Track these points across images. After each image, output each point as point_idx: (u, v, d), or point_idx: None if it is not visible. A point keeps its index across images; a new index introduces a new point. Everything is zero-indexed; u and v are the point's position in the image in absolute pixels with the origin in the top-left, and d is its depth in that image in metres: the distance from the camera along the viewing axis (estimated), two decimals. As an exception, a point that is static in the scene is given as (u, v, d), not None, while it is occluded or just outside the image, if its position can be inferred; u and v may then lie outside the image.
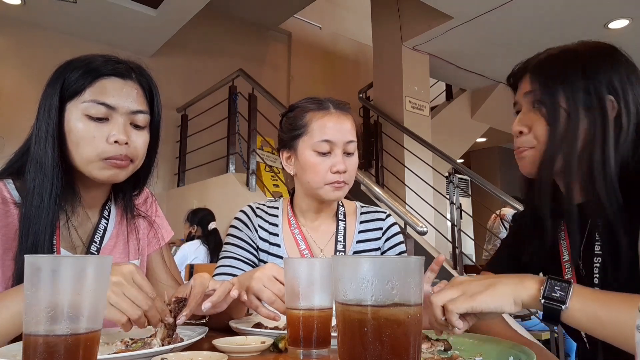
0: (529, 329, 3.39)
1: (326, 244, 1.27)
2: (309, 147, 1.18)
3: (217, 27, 6.31)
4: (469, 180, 7.18)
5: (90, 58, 0.98)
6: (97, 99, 0.94)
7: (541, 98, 0.89)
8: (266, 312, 0.91)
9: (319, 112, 1.20)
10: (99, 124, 0.94)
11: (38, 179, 0.92)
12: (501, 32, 4.97)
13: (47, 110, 0.94)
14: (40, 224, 0.91)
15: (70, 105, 0.95)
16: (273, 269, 0.94)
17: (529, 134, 0.92)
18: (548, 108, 0.88)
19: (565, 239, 0.97)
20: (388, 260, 0.58)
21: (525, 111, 0.94)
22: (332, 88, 7.13)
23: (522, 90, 0.94)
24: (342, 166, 1.17)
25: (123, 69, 0.98)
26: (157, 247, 1.20)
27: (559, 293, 0.70)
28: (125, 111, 0.97)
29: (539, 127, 0.90)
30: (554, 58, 0.92)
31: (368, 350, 0.53)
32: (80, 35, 5.13)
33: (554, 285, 0.71)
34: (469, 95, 6.85)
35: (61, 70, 0.98)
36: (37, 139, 0.94)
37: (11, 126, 4.24)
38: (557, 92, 0.87)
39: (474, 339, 0.82)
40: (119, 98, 0.96)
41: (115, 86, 0.96)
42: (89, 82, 0.95)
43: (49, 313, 0.53)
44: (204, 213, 4.22)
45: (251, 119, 4.69)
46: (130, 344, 0.78)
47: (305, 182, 1.21)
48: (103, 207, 1.09)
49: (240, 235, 1.26)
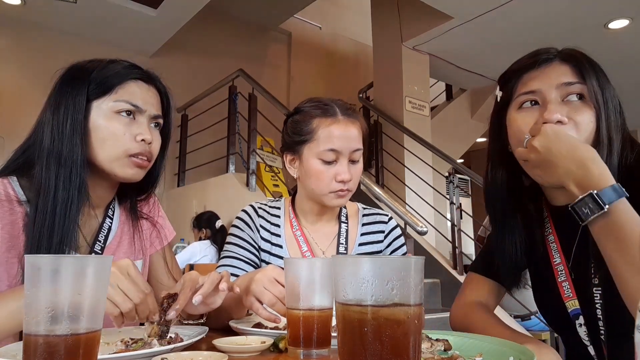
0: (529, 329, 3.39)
1: (328, 246, 1.26)
2: (314, 154, 1.16)
3: (217, 27, 6.32)
4: (469, 180, 7.17)
5: (113, 61, 1.03)
6: (128, 99, 0.99)
7: (593, 91, 0.86)
8: (267, 314, 0.91)
9: (326, 119, 1.17)
10: (127, 122, 0.99)
11: (63, 174, 0.93)
12: (501, 32, 4.97)
13: (72, 107, 0.96)
14: (69, 220, 0.93)
15: (97, 103, 0.98)
16: (274, 271, 0.94)
17: (569, 125, 0.86)
18: (599, 102, 0.86)
19: (554, 241, 0.97)
20: (388, 260, 0.58)
21: (555, 102, 0.87)
22: (332, 88, 7.14)
23: (556, 79, 0.88)
24: (347, 175, 1.15)
25: (147, 75, 1.05)
26: (159, 248, 1.21)
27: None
28: (149, 114, 1.02)
29: (584, 119, 0.86)
30: (583, 54, 0.90)
31: (368, 350, 0.53)
32: (80, 35, 5.12)
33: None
34: (469, 95, 6.85)
35: (81, 69, 1.00)
36: (59, 134, 0.95)
37: (11, 126, 4.24)
38: (603, 86, 0.87)
39: (474, 339, 0.82)
40: (145, 101, 1.02)
41: (142, 89, 1.02)
42: (119, 83, 0.99)
43: (49, 313, 0.53)
44: (207, 215, 4.26)
45: (251, 119, 4.69)
46: (130, 344, 0.78)
47: (309, 187, 1.20)
48: (108, 207, 1.09)
49: (241, 235, 1.26)
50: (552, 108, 0.86)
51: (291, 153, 1.23)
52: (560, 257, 0.95)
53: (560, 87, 0.88)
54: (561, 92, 0.88)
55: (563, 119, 0.85)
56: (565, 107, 0.87)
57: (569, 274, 0.94)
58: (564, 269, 0.94)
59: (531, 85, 0.90)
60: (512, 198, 0.99)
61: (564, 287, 0.94)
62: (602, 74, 0.89)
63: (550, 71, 0.89)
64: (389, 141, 5.45)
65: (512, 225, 0.99)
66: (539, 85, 0.89)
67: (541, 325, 3.48)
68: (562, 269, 0.95)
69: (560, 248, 0.96)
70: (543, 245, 0.99)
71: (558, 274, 0.95)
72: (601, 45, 4.98)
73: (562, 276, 0.94)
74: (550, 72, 0.89)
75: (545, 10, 4.55)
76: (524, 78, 0.92)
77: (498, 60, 5.53)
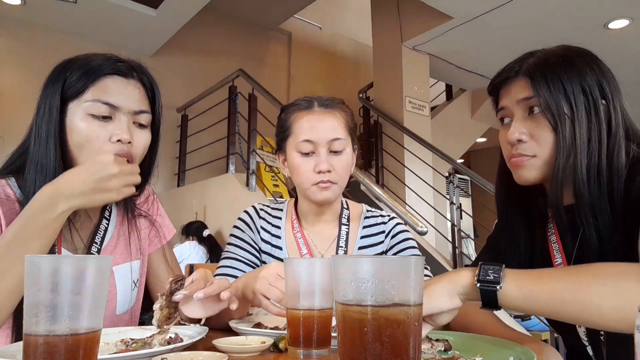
0: (529, 329, 3.39)
1: (327, 249, 1.25)
2: (293, 148, 1.17)
3: (217, 27, 6.31)
4: (469, 180, 7.18)
5: (90, 57, 0.97)
6: (100, 98, 0.93)
7: (546, 104, 0.86)
8: (277, 309, 0.91)
9: (301, 112, 1.18)
10: (102, 124, 0.94)
11: (39, 181, 0.91)
12: (501, 32, 4.97)
13: (47, 110, 0.93)
14: None
15: (72, 105, 0.94)
16: (277, 267, 0.94)
17: (530, 141, 0.89)
18: (554, 114, 0.85)
19: (557, 241, 0.97)
20: (388, 261, 0.58)
21: (520, 117, 0.90)
22: (332, 88, 7.13)
23: (515, 95, 0.90)
24: (325, 165, 1.13)
25: (125, 68, 0.98)
26: (159, 246, 1.20)
27: (493, 275, 0.71)
28: (129, 110, 0.96)
29: (542, 134, 0.87)
30: (547, 62, 0.89)
31: (368, 351, 0.53)
32: (80, 35, 5.13)
33: (488, 270, 0.71)
34: (469, 95, 6.85)
35: (60, 69, 0.96)
36: (37, 139, 0.93)
37: (11, 126, 4.24)
38: (560, 97, 0.85)
39: (474, 339, 0.82)
40: (122, 97, 0.95)
41: (118, 85, 0.96)
42: (91, 82, 0.94)
43: (49, 313, 0.53)
44: (197, 224, 4.43)
45: (251, 119, 4.69)
46: (130, 344, 0.78)
47: (296, 184, 1.20)
48: (104, 208, 1.08)
49: (242, 236, 1.26)
50: (513, 128, 0.90)
51: (281, 152, 1.24)
52: (561, 257, 0.95)
53: (520, 102, 0.90)
54: (523, 107, 0.90)
55: (521, 137, 0.89)
56: (530, 122, 0.89)
57: None
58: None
59: (501, 102, 0.95)
60: (516, 197, 1.01)
61: None
62: (572, 75, 0.86)
63: (512, 87, 0.92)
64: (389, 141, 5.45)
65: (516, 225, 1.01)
66: (505, 102, 0.93)
67: (541, 325, 3.48)
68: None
69: (562, 248, 0.96)
70: (545, 245, 0.99)
71: None
72: (601, 45, 4.98)
73: None
74: (512, 88, 0.92)
75: (545, 10, 4.55)
76: (500, 93, 0.96)
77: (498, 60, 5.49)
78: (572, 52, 0.91)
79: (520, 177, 0.92)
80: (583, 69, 0.87)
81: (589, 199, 0.85)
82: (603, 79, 0.87)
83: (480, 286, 0.71)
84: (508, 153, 0.94)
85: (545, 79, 0.87)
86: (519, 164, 0.91)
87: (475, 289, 0.71)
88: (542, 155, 0.88)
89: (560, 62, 0.88)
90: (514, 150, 0.91)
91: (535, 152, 0.89)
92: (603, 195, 0.85)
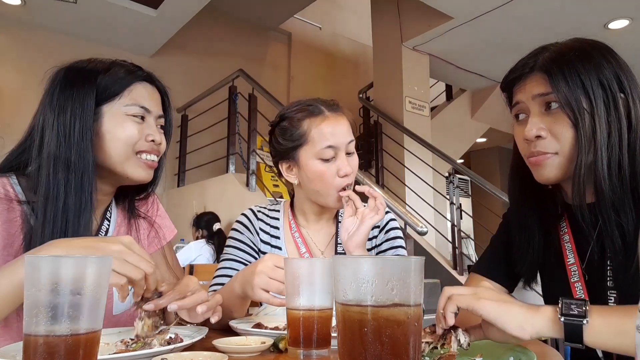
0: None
1: (326, 246, 1.26)
2: (312, 156, 1.15)
3: (217, 27, 6.31)
4: (469, 181, 7.18)
5: (118, 62, 1.04)
6: (137, 102, 1.00)
7: (566, 99, 0.83)
8: (279, 301, 0.91)
9: (315, 119, 1.16)
10: (139, 125, 1.00)
11: (73, 180, 0.93)
12: (501, 32, 4.97)
13: (80, 111, 0.95)
14: (82, 226, 0.92)
15: (106, 107, 0.98)
16: (272, 258, 0.95)
17: (549, 137, 0.86)
18: (573, 110, 0.83)
19: (569, 241, 0.95)
20: (388, 261, 0.58)
21: (537, 113, 0.87)
22: (332, 88, 7.14)
23: (530, 91, 0.88)
24: (349, 168, 1.15)
25: (149, 76, 1.06)
26: (159, 247, 1.20)
27: (577, 310, 0.68)
28: (156, 114, 1.04)
29: (562, 130, 0.84)
30: (563, 56, 0.86)
31: (368, 351, 0.53)
32: (80, 35, 5.12)
33: (570, 304, 0.69)
34: (469, 95, 6.85)
35: (86, 71, 0.99)
36: (66, 139, 0.94)
37: (11, 126, 4.24)
38: (578, 92, 0.83)
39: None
40: (151, 102, 1.03)
41: (148, 90, 1.04)
42: (127, 85, 1.00)
43: (49, 313, 0.53)
44: (208, 217, 4.32)
45: (251, 119, 4.69)
46: (130, 344, 0.78)
47: (312, 190, 1.18)
48: (106, 210, 1.09)
49: (241, 238, 1.26)
50: (530, 124, 0.87)
51: (286, 161, 1.21)
52: (574, 257, 0.94)
53: (536, 98, 0.88)
54: (539, 103, 0.88)
55: (540, 133, 0.86)
56: (548, 117, 0.87)
57: (583, 275, 0.92)
58: (577, 269, 0.93)
59: (516, 97, 0.92)
60: (531, 195, 0.99)
61: (577, 288, 0.92)
62: (589, 68, 0.84)
63: (528, 83, 0.89)
64: (389, 141, 5.45)
65: (530, 222, 0.99)
66: (521, 98, 0.90)
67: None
68: (575, 270, 0.93)
69: (574, 248, 0.94)
70: (558, 244, 0.97)
71: (571, 275, 0.94)
72: (601, 45, 4.97)
73: (575, 277, 0.93)
74: (528, 83, 0.89)
75: (545, 11, 4.55)
76: (514, 89, 0.93)
77: (498, 60, 5.54)
78: (587, 44, 0.88)
79: (542, 175, 0.89)
80: (600, 62, 0.85)
81: (611, 196, 0.83)
82: (620, 72, 0.85)
83: (565, 320, 0.68)
84: (526, 150, 0.91)
85: (562, 74, 0.84)
86: (539, 163, 0.88)
87: (557, 324, 0.69)
88: (562, 151, 0.86)
89: (576, 56, 0.85)
90: (532, 147, 0.88)
91: (555, 149, 0.86)
92: (626, 191, 0.83)
